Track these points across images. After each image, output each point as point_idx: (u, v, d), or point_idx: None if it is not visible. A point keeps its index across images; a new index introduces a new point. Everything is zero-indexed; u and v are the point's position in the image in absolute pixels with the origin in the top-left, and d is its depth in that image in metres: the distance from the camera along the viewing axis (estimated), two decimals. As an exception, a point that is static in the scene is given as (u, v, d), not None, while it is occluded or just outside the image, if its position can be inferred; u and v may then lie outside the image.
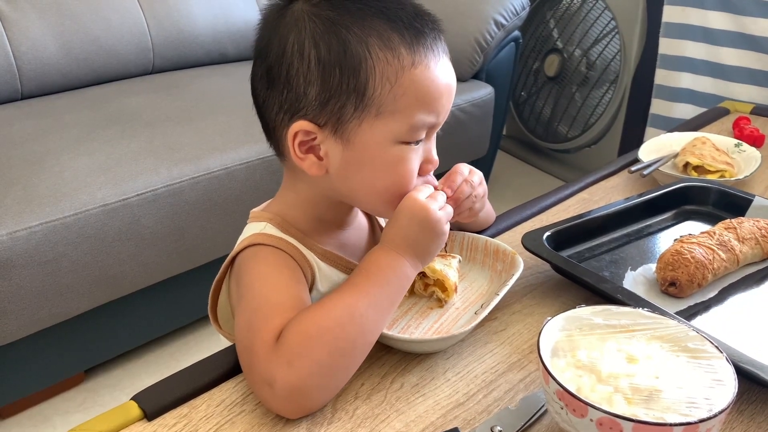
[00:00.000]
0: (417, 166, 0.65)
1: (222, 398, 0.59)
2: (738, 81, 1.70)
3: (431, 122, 0.63)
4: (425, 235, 0.63)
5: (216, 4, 2.10)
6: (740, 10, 1.64)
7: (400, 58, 0.59)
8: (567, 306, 0.67)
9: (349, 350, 0.58)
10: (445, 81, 0.63)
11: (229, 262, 0.67)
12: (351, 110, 0.60)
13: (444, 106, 0.63)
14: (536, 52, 2.52)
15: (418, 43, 0.60)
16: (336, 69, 0.59)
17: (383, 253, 0.63)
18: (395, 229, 0.63)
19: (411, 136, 0.62)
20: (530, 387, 0.61)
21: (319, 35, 0.59)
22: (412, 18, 0.61)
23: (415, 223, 0.63)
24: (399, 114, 0.60)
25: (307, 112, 0.61)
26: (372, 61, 0.59)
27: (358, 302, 0.59)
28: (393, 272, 0.62)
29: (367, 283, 0.61)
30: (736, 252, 0.76)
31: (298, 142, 0.62)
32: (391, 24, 0.60)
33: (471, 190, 0.71)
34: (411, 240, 0.63)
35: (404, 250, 0.63)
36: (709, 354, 0.52)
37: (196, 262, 1.53)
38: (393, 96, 0.60)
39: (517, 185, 2.47)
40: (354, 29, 0.59)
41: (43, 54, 1.78)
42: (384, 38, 0.59)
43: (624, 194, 0.99)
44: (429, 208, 0.63)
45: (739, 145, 1.11)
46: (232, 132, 1.58)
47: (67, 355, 1.47)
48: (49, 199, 1.31)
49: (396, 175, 0.63)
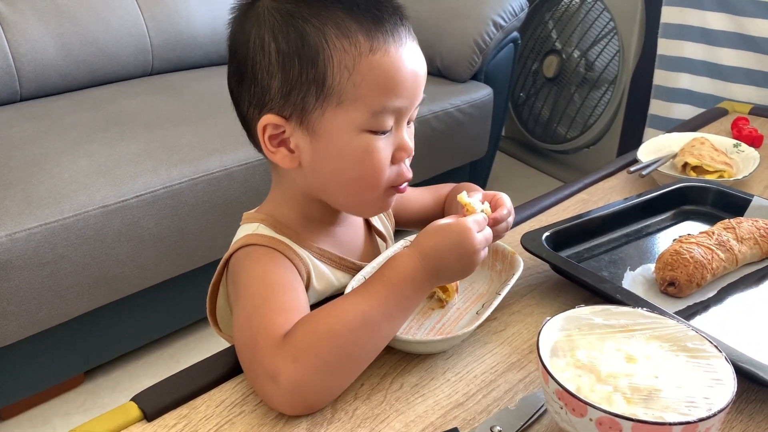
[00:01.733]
0: (387, 156, 0.64)
1: (222, 399, 0.60)
2: (736, 81, 1.70)
3: (397, 108, 0.62)
4: (459, 267, 0.62)
5: (215, 5, 2.10)
6: (738, 11, 1.64)
7: (357, 45, 0.59)
8: (566, 306, 0.67)
9: (357, 355, 0.58)
10: (409, 66, 0.62)
11: (224, 264, 0.67)
12: (313, 100, 0.61)
13: (410, 92, 0.62)
14: (535, 53, 2.53)
15: (377, 29, 0.60)
16: (295, 60, 0.60)
17: (410, 264, 0.61)
18: (434, 244, 0.61)
19: (376, 125, 0.61)
20: (530, 387, 0.61)
21: (278, 28, 0.60)
22: (371, 5, 0.61)
23: (457, 254, 0.61)
24: (360, 101, 0.60)
25: (273, 104, 0.62)
26: (329, 50, 0.59)
27: (373, 310, 0.58)
28: (413, 287, 0.60)
29: (385, 293, 0.59)
30: (735, 252, 0.76)
31: (268, 136, 0.63)
32: (348, 12, 0.60)
33: (507, 227, 0.71)
34: (443, 263, 0.61)
35: (432, 268, 0.61)
36: (708, 353, 0.52)
37: (195, 263, 1.54)
38: (352, 83, 0.60)
39: (516, 186, 2.48)
40: (311, 20, 0.60)
41: (42, 56, 1.78)
42: (341, 26, 0.60)
43: (623, 194, 0.99)
44: (478, 250, 0.62)
45: (737, 146, 1.11)
46: (231, 133, 1.57)
47: (66, 356, 1.47)
48: (49, 200, 1.31)
49: (364, 165, 0.63)
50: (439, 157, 1.98)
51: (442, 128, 1.91)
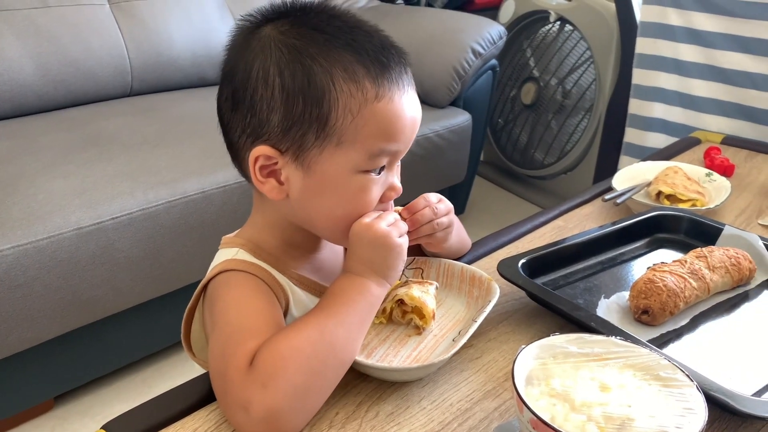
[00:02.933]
0: (377, 195, 0.65)
1: (195, 427, 0.59)
2: (708, 112, 1.74)
3: (392, 151, 0.63)
4: (378, 252, 0.64)
5: (195, 27, 2.11)
6: (709, 44, 1.69)
7: (363, 91, 0.60)
8: (542, 333, 0.68)
9: (321, 370, 0.58)
10: (408, 113, 0.63)
11: (202, 289, 0.67)
12: (312, 139, 0.61)
13: (407, 137, 0.64)
14: (513, 80, 2.56)
15: (383, 77, 0.61)
16: (299, 98, 0.60)
17: (346, 279, 0.64)
18: (351, 255, 0.65)
19: (371, 165, 0.62)
20: (505, 415, 0.61)
21: (284, 63, 0.60)
22: (378, 51, 0.61)
23: (365, 243, 0.64)
24: (359, 144, 0.61)
25: (270, 137, 0.62)
26: (335, 92, 0.59)
27: (326, 320, 0.60)
28: (358, 292, 0.63)
29: (334, 305, 0.62)
30: (707, 280, 0.77)
31: (259, 166, 0.63)
32: (356, 56, 0.60)
33: (433, 215, 0.72)
34: (366, 260, 0.64)
35: (364, 271, 0.64)
36: (680, 382, 0.53)
37: (171, 286, 1.52)
38: (354, 127, 0.60)
39: (494, 210, 2.49)
40: (319, 59, 0.60)
41: (20, 75, 1.77)
42: (349, 70, 0.60)
43: (598, 222, 1.01)
44: (374, 225, 0.64)
45: (709, 175, 1.13)
46: (209, 155, 1.57)
47: (36, 381, 1.43)
48: (22, 222, 1.29)
49: (355, 203, 0.64)
50: (418, 181, 1.99)
51: (421, 153, 1.92)
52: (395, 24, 2.16)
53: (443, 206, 0.74)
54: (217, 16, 2.17)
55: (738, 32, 1.63)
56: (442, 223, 0.74)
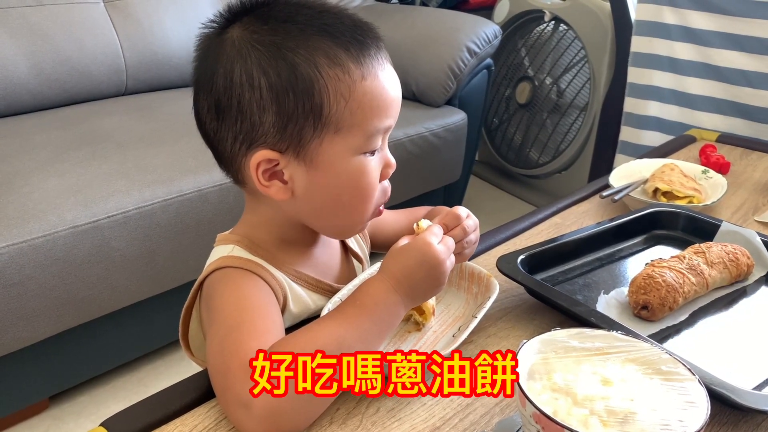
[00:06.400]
0: (378, 175, 0.65)
1: (194, 424, 0.58)
2: (703, 110, 1.75)
3: (386, 127, 0.63)
4: (430, 282, 0.63)
5: (190, 26, 2.10)
6: (705, 42, 1.69)
7: (350, 73, 0.60)
8: (541, 329, 0.67)
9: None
10: (393, 87, 0.64)
11: (198, 287, 0.66)
12: (311, 131, 0.60)
13: (396, 110, 0.64)
14: (508, 80, 2.57)
15: (364, 55, 0.61)
16: (289, 93, 0.59)
17: (382, 288, 0.62)
18: (401, 266, 0.62)
19: (369, 146, 0.62)
20: (506, 410, 0.61)
21: (266, 62, 0.59)
22: (353, 31, 0.61)
23: (425, 269, 0.62)
24: (356, 127, 0.61)
25: (266, 139, 0.61)
26: (323, 80, 0.59)
27: (347, 334, 0.58)
28: (387, 310, 0.61)
29: (359, 317, 0.60)
30: (706, 276, 0.78)
31: (261, 171, 0.62)
32: (334, 40, 0.60)
33: (463, 234, 0.69)
34: (414, 281, 0.62)
35: (403, 289, 0.62)
36: (681, 376, 0.53)
37: (166, 285, 1.51)
38: (349, 111, 0.60)
39: (490, 210, 2.50)
40: (299, 51, 0.59)
41: (14, 74, 1.76)
42: (331, 56, 0.59)
43: (595, 219, 1.01)
44: (443, 260, 0.62)
45: (705, 172, 1.13)
46: (205, 154, 1.53)
47: (31, 380, 1.43)
48: (17, 220, 1.28)
49: (360, 186, 0.64)
50: (413, 180, 1.99)
51: (416, 152, 1.92)
52: (390, 23, 2.16)
53: (472, 222, 0.71)
54: (211, 14, 2.15)
55: (733, 30, 1.63)
56: (470, 241, 0.71)
